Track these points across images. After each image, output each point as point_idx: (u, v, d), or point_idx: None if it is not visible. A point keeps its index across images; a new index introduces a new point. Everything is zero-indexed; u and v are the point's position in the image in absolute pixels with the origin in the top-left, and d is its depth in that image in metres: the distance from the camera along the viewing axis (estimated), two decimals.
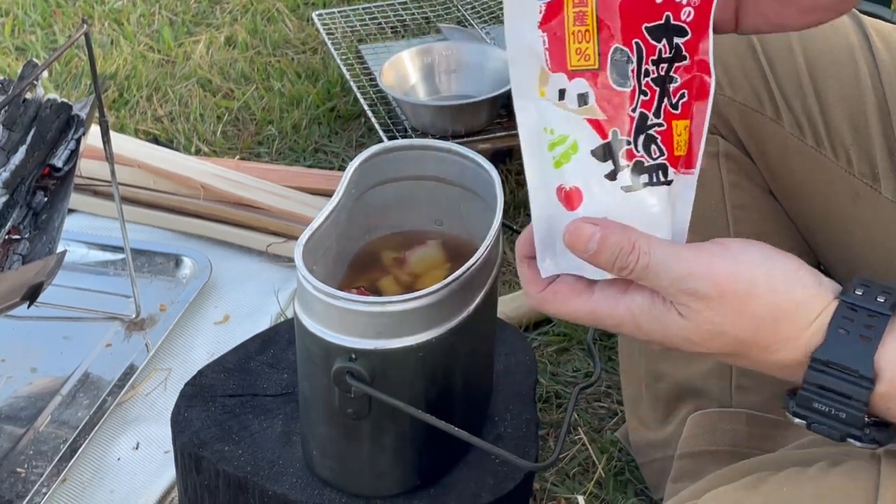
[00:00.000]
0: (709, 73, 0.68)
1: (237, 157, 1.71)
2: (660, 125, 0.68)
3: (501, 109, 1.60)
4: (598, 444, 1.22)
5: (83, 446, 1.18)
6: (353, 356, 0.83)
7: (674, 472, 1.04)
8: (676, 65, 0.68)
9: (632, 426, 1.13)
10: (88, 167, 1.53)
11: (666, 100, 0.68)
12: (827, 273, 1.08)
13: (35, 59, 1.20)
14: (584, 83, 0.66)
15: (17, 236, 1.13)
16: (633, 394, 1.12)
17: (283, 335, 1.07)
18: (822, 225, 1.02)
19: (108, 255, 1.46)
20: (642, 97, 0.67)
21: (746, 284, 0.66)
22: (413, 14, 1.96)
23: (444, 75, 1.65)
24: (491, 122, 1.59)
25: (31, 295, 1.11)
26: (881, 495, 0.64)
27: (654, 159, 0.69)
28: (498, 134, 1.57)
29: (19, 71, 1.19)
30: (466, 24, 1.93)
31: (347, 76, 1.75)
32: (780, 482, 0.67)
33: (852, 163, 0.96)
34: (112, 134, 1.25)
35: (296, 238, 1.49)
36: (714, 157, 1.03)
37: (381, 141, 1.60)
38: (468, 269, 0.84)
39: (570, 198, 0.68)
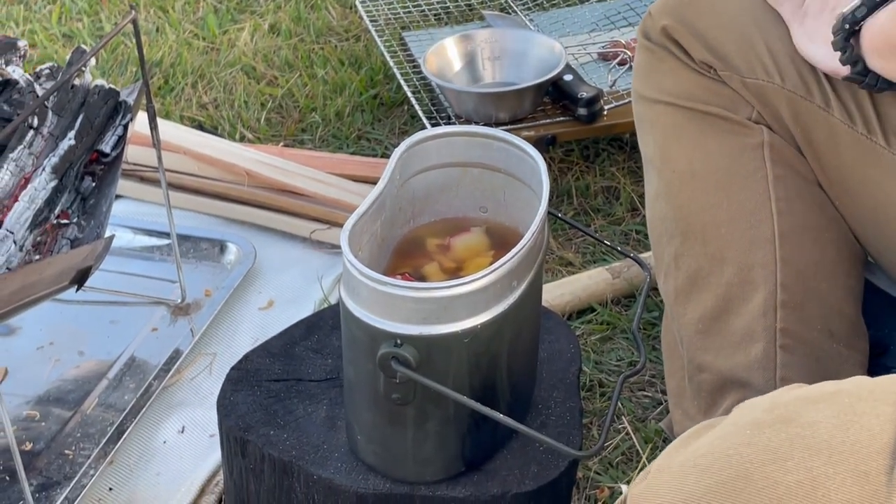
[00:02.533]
0: None
1: (281, 143, 1.72)
2: None
3: (545, 97, 1.59)
4: (642, 433, 1.21)
5: (130, 429, 1.20)
6: (399, 341, 0.83)
7: None
8: None
9: (676, 418, 1.12)
10: (135, 153, 1.55)
11: None
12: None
13: (83, 46, 1.21)
14: None
15: (66, 221, 1.15)
16: (677, 386, 1.11)
17: (327, 321, 1.08)
18: (872, 214, 1.00)
19: (154, 241, 1.47)
20: None
21: None
22: (456, 1, 1.96)
23: (487, 62, 1.65)
24: (535, 109, 1.58)
25: (80, 279, 1.13)
26: None
27: None
28: (542, 121, 1.57)
29: (67, 57, 1.20)
30: (510, 10, 1.92)
31: (391, 63, 1.75)
32: (818, 383, 0.67)
33: None
34: (158, 120, 1.26)
35: (339, 225, 1.50)
36: (759, 147, 1.01)
37: (424, 128, 1.60)
38: (514, 255, 0.84)
39: None
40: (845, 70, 0.92)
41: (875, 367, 1.06)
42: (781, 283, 1.00)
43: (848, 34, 0.90)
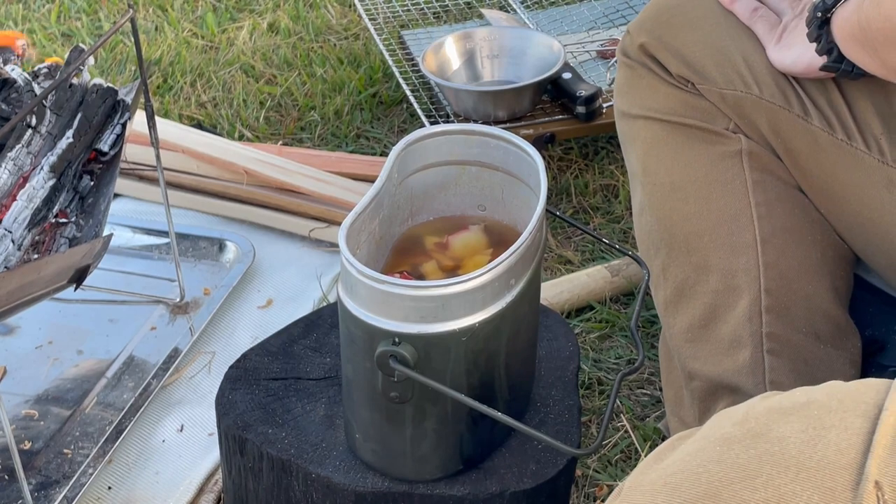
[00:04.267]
0: None
1: (280, 142, 1.72)
2: None
3: (544, 95, 1.59)
4: (640, 431, 1.21)
5: (128, 428, 1.20)
6: (397, 340, 0.83)
7: None
8: None
9: (672, 426, 1.12)
10: (133, 152, 1.55)
11: None
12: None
13: (81, 45, 1.21)
14: None
15: (65, 220, 1.15)
16: (674, 395, 1.11)
17: (326, 319, 1.08)
18: (857, 218, 1.00)
19: (153, 239, 1.47)
20: None
21: None
22: None
23: (486, 60, 1.65)
24: (533, 107, 1.58)
25: (78, 278, 1.13)
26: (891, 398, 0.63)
27: None
28: (541, 119, 1.57)
29: (66, 56, 1.20)
30: (509, 9, 1.92)
31: (390, 62, 1.75)
32: (792, 391, 0.67)
33: (885, 152, 0.95)
34: (156, 119, 1.26)
35: (338, 223, 1.50)
36: (737, 155, 1.02)
37: (422, 126, 1.60)
38: (512, 253, 0.84)
39: None
40: (821, 60, 0.93)
41: (871, 366, 1.06)
42: (765, 288, 1.01)
43: (821, 22, 0.91)
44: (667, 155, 1.05)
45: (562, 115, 1.57)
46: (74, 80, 1.18)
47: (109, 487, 1.17)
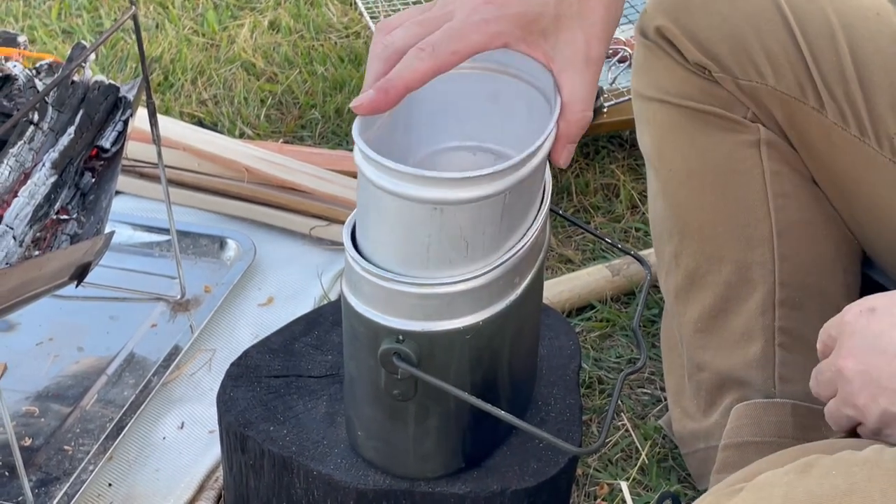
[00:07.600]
0: None
1: (281, 140, 1.72)
2: None
3: None
4: (641, 430, 1.21)
5: (129, 425, 1.20)
6: (401, 337, 0.83)
7: (718, 463, 1.04)
8: None
9: (675, 416, 1.12)
10: (134, 149, 1.55)
11: None
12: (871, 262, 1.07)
13: (83, 42, 1.21)
14: None
15: (66, 216, 1.14)
16: (676, 384, 1.11)
17: (327, 317, 1.08)
18: (867, 214, 1.00)
19: (154, 237, 1.47)
20: None
21: None
22: None
23: None
24: None
25: (79, 275, 1.13)
26: None
27: None
28: None
29: (67, 53, 1.20)
30: None
31: None
32: (830, 465, 0.65)
33: None
34: (158, 116, 1.26)
35: (339, 221, 1.50)
36: (755, 145, 1.02)
37: None
38: (516, 252, 0.84)
39: None
40: None
41: None
42: (780, 282, 1.00)
43: None
44: (683, 141, 1.04)
45: None
46: (76, 77, 1.18)
47: (110, 484, 1.17)
